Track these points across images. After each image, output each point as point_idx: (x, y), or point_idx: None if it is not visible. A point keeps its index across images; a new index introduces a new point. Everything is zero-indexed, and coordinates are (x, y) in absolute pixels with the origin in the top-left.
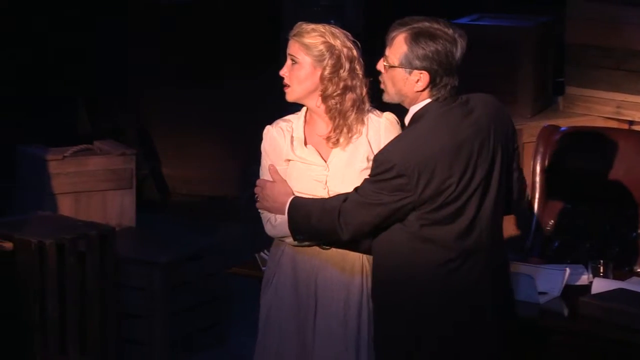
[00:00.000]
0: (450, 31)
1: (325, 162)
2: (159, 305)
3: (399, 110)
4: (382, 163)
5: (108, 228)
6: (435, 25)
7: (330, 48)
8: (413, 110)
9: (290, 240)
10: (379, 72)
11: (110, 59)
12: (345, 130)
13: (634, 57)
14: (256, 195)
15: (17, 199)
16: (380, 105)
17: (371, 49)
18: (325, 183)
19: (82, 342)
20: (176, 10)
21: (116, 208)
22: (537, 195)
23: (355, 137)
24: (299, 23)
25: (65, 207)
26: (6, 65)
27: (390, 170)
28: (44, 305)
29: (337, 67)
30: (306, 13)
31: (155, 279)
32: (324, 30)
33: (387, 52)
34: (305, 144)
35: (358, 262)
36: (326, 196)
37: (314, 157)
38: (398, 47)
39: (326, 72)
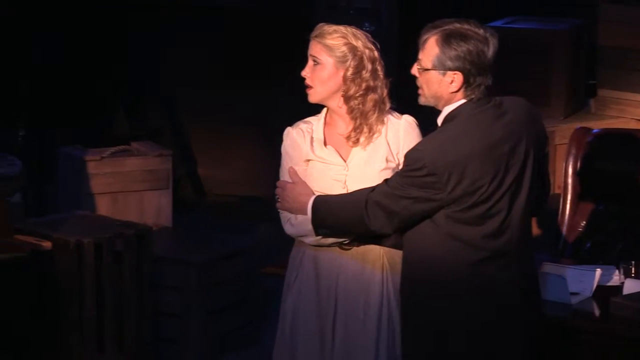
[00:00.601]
0: (481, 31)
1: (345, 161)
2: (195, 305)
3: (423, 112)
4: (414, 161)
5: (145, 228)
6: (466, 26)
7: (353, 49)
8: (447, 110)
9: (310, 239)
10: (410, 75)
11: (148, 60)
12: (366, 129)
13: None
14: (276, 197)
15: (56, 199)
16: (401, 106)
17: (405, 52)
18: (345, 182)
19: (120, 341)
20: (212, 12)
21: (153, 208)
22: (569, 197)
23: (375, 136)
24: (320, 24)
25: (103, 207)
26: (44, 68)
27: (421, 169)
28: (82, 304)
29: (359, 68)
30: (338, 17)
31: (190, 278)
32: (345, 32)
33: (420, 55)
34: (325, 144)
35: (378, 262)
36: None
37: (334, 157)
38: (430, 49)
39: (349, 73)
